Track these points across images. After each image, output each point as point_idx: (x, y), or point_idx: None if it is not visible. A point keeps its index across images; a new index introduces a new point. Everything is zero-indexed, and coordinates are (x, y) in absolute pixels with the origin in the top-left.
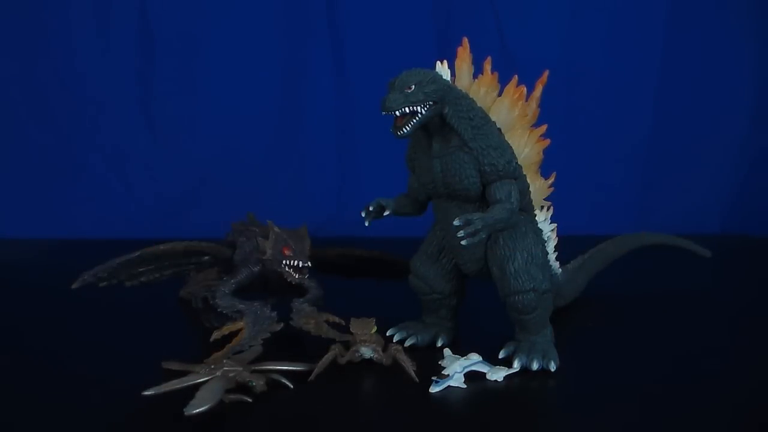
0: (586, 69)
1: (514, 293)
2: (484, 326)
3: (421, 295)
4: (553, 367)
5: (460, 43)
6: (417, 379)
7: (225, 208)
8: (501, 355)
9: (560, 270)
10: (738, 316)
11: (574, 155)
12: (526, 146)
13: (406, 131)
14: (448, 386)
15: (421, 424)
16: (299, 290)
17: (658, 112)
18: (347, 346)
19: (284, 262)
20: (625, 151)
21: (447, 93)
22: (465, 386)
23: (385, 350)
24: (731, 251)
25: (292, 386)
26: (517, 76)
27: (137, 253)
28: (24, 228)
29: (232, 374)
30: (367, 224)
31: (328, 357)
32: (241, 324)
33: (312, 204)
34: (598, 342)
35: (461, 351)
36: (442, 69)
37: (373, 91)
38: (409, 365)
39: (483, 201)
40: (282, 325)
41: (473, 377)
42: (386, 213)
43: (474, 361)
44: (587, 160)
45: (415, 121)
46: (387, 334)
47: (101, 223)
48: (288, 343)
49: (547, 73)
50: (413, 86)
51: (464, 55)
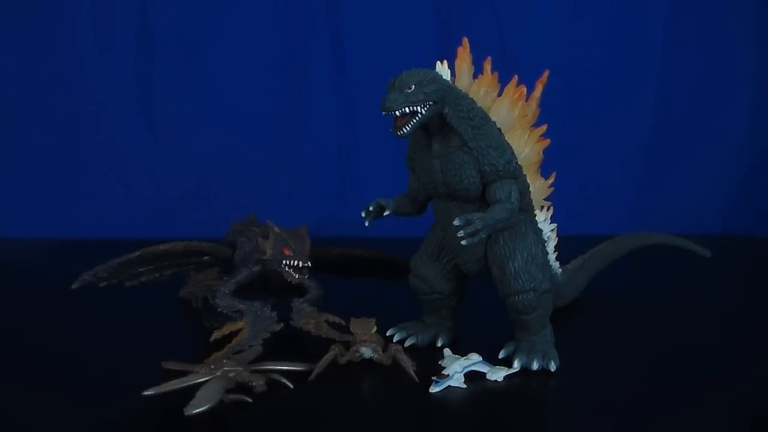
0: (586, 69)
1: (514, 293)
2: (484, 326)
3: (421, 295)
4: (553, 367)
5: (460, 43)
6: (417, 379)
7: (225, 208)
8: (501, 355)
9: (560, 270)
10: (738, 316)
11: (574, 155)
12: (526, 146)
13: (406, 131)
14: (448, 386)
15: (421, 424)
16: (299, 290)
17: (659, 112)
18: (347, 346)
19: (284, 262)
20: (625, 151)
21: (447, 93)
22: (465, 386)
23: (385, 350)
24: (731, 251)
25: (292, 386)
26: (517, 76)
27: (137, 253)
28: (24, 228)
29: (232, 374)
30: (367, 224)
31: (328, 357)
32: (241, 324)
33: (312, 204)
34: (598, 342)
35: (461, 351)
36: (442, 69)
37: (373, 91)
38: (409, 365)
39: (483, 201)
40: (282, 325)
41: (473, 377)
42: (386, 213)
43: (474, 361)
44: (587, 160)
45: (415, 121)
46: (387, 334)
47: (101, 223)
48: (288, 343)
49: (547, 73)
50: (413, 86)
51: (464, 55)
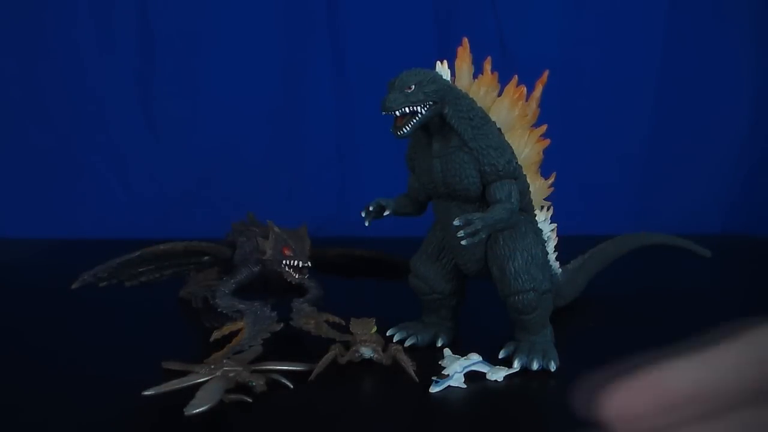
0: (586, 69)
1: (515, 293)
2: (484, 326)
3: (421, 295)
4: (553, 367)
5: (460, 43)
6: (417, 379)
7: (225, 208)
8: (501, 355)
9: (560, 270)
10: (738, 316)
11: (574, 155)
12: (526, 146)
13: (406, 131)
14: (448, 386)
15: (421, 424)
16: (299, 290)
17: (658, 112)
18: (347, 346)
19: (284, 262)
20: (625, 151)
21: (447, 93)
22: (465, 386)
23: (385, 350)
24: (731, 251)
25: (292, 386)
26: (517, 76)
27: (137, 253)
28: (24, 228)
29: (232, 374)
30: (367, 224)
31: (328, 357)
32: (241, 324)
33: (312, 204)
34: (598, 342)
35: (461, 351)
36: (442, 69)
37: (373, 91)
38: (409, 365)
39: (483, 201)
40: (282, 325)
41: (473, 377)
42: (386, 213)
43: (474, 361)
44: (587, 160)
45: (415, 121)
46: (387, 334)
47: (101, 223)
48: (288, 343)
49: (547, 73)
50: (413, 86)
51: (464, 55)
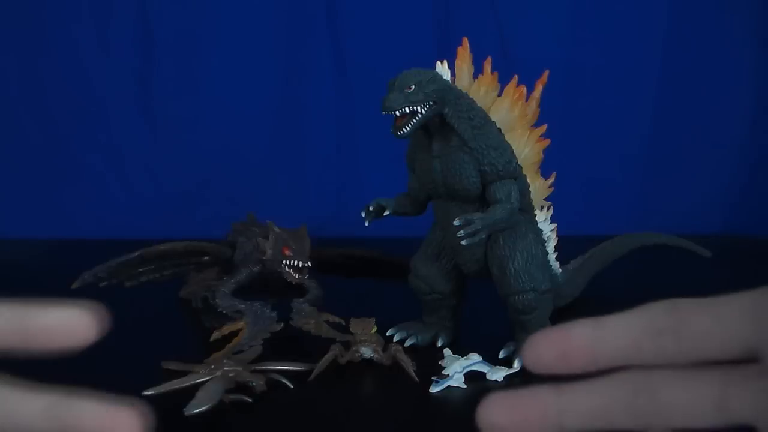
0: (586, 69)
1: (515, 293)
2: (484, 326)
3: (421, 295)
4: None
5: (460, 43)
6: (417, 379)
7: (225, 208)
8: (501, 355)
9: (560, 270)
10: None
11: (574, 155)
12: (526, 146)
13: (406, 131)
14: (448, 386)
15: (421, 424)
16: (299, 290)
17: (659, 112)
18: (347, 346)
19: (284, 262)
20: (625, 150)
21: (447, 93)
22: (465, 386)
23: (385, 350)
24: (731, 251)
25: (292, 386)
26: (517, 76)
27: (137, 253)
28: (24, 228)
29: (232, 374)
30: (367, 224)
31: (328, 357)
32: (241, 324)
33: (312, 204)
34: None
35: (461, 351)
36: (442, 69)
37: (373, 91)
38: (409, 365)
39: (483, 201)
40: (282, 325)
41: (473, 377)
42: (386, 213)
43: (474, 361)
44: (587, 160)
45: (415, 121)
46: (387, 334)
47: (101, 223)
48: (288, 343)
49: (547, 73)
50: (413, 86)
51: (464, 55)
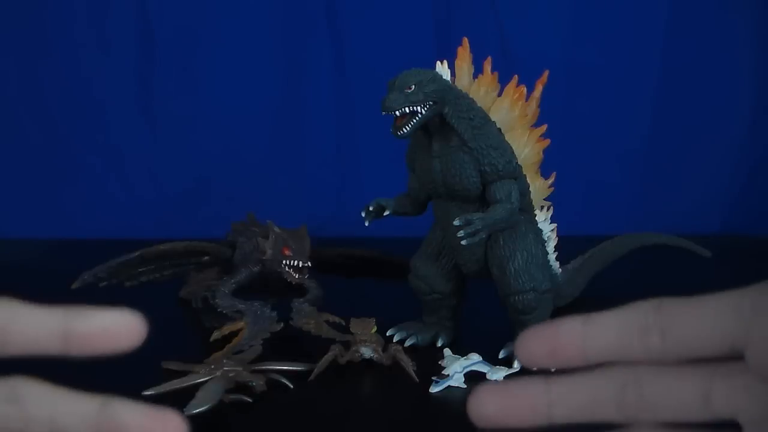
0: (586, 69)
1: (514, 293)
2: (484, 326)
3: (421, 295)
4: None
5: (460, 43)
6: (417, 379)
7: (225, 208)
8: (501, 355)
9: (560, 270)
10: None
11: (574, 155)
12: (526, 146)
13: (406, 131)
14: (448, 386)
15: (421, 424)
16: (299, 290)
17: (658, 111)
18: (347, 346)
19: (284, 262)
20: (625, 150)
21: (447, 93)
22: (465, 386)
23: (385, 350)
24: (731, 251)
25: (292, 386)
26: (517, 76)
27: (137, 253)
28: (24, 228)
29: (232, 374)
30: (367, 224)
31: (328, 357)
32: (241, 324)
33: (312, 204)
34: None
35: (461, 351)
36: (442, 69)
37: (373, 91)
38: (409, 365)
39: (483, 201)
40: (282, 325)
41: (473, 377)
42: (386, 213)
43: (474, 361)
44: (587, 160)
45: (415, 121)
46: (387, 334)
47: (101, 223)
48: (288, 343)
49: (547, 73)
50: (413, 86)
51: (464, 55)
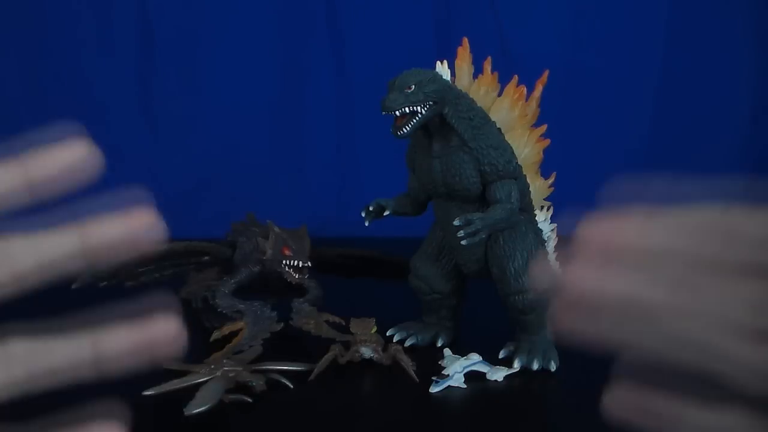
0: (586, 69)
1: (515, 293)
2: (484, 326)
3: (421, 295)
4: (553, 367)
5: (460, 43)
6: (417, 379)
7: (225, 208)
8: (501, 355)
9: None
10: None
11: (574, 155)
12: (526, 146)
13: (406, 131)
14: (448, 386)
15: (421, 424)
16: (299, 290)
17: (658, 112)
18: (347, 346)
19: (284, 262)
20: (625, 151)
21: (447, 93)
22: (465, 386)
23: (385, 350)
24: None
25: (292, 386)
26: (517, 76)
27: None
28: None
29: (232, 374)
30: (367, 224)
31: (328, 357)
32: (241, 324)
33: (312, 204)
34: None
35: (461, 351)
36: (442, 69)
37: (373, 91)
38: (409, 365)
39: (483, 201)
40: (282, 325)
41: (473, 377)
42: (386, 213)
43: (474, 361)
44: (587, 160)
45: (415, 121)
46: (387, 334)
47: None
48: (288, 343)
49: (547, 73)
50: (413, 86)
51: (464, 55)
